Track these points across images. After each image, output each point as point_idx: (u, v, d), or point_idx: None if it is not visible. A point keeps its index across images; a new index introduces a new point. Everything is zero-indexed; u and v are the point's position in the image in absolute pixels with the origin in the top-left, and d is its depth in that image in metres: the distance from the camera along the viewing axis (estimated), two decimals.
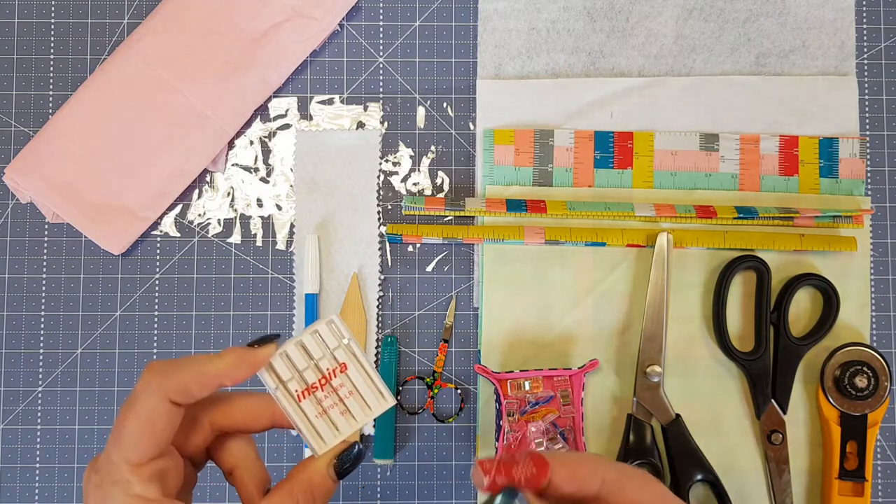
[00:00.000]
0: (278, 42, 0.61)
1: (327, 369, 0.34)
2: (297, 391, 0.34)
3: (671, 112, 0.62)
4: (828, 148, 0.62)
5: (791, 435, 0.59)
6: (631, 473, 0.34)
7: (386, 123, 0.63)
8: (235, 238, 0.62)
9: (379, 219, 0.62)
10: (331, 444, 0.34)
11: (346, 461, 0.35)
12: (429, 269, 0.62)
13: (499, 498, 0.32)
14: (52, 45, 0.63)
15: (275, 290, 0.62)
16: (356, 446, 0.35)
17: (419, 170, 0.63)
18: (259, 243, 0.62)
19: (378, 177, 0.62)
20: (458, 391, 0.61)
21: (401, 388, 0.61)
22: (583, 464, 0.34)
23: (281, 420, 0.36)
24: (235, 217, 0.62)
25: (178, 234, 0.62)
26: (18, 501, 0.60)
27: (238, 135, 0.63)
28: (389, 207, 0.62)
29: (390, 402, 0.35)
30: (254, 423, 0.36)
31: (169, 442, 0.34)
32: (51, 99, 0.63)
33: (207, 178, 0.63)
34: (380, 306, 0.61)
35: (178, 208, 0.62)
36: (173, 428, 0.34)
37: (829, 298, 0.59)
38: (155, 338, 0.61)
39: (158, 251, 0.62)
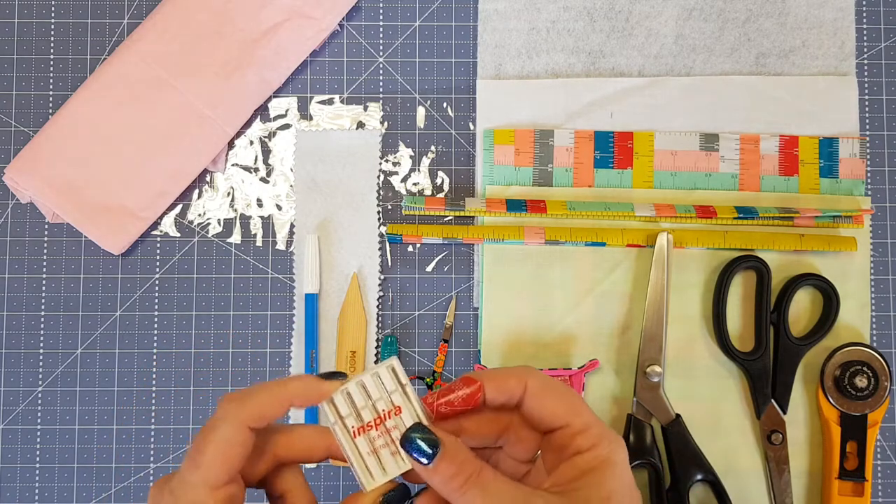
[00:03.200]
0: (278, 42, 0.61)
1: (383, 410, 0.36)
2: (353, 427, 0.36)
3: (671, 112, 0.62)
4: (828, 148, 0.62)
5: (791, 435, 0.59)
6: (552, 384, 0.36)
7: (386, 123, 0.63)
8: (235, 238, 0.62)
9: (379, 219, 0.62)
10: (378, 482, 0.35)
11: (392, 500, 0.36)
12: (429, 269, 0.62)
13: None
14: (52, 45, 0.63)
15: (275, 290, 0.62)
16: (402, 487, 0.37)
17: (419, 170, 0.63)
18: (259, 243, 0.62)
19: (378, 177, 0.62)
20: None
21: None
22: (510, 377, 0.36)
23: (336, 453, 0.37)
24: (235, 217, 0.62)
25: (178, 234, 0.62)
26: (18, 501, 0.60)
27: (238, 135, 0.63)
28: (389, 207, 0.62)
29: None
30: (311, 454, 0.38)
31: (241, 468, 0.36)
32: (51, 99, 0.63)
33: (207, 178, 0.63)
34: (380, 306, 0.61)
35: (178, 208, 0.62)
36: (246, 455, 0.35)
37: (829, 298, 0.59)
38: (155, 338, 0.61)
39: (158, 251, 0.62)
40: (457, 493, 0.34)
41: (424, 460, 0.35)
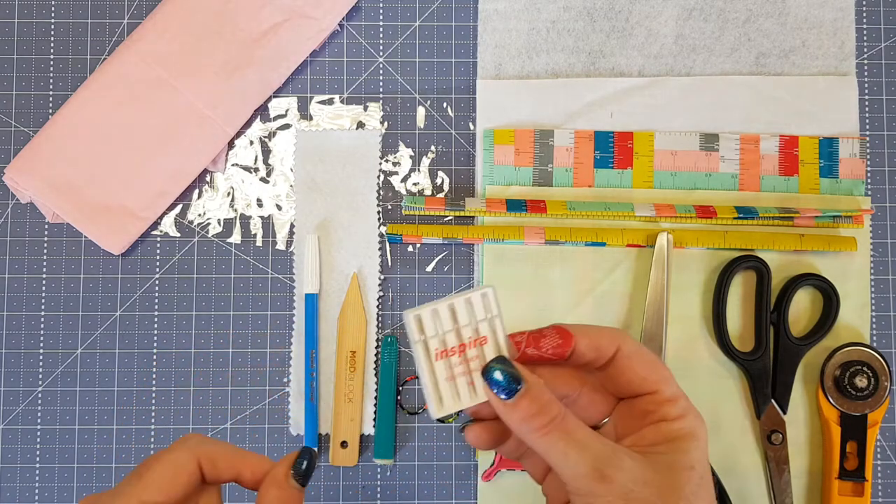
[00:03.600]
0: (278, 42, 0.61)
1: (469, 338, 0.34)
2: (435, 350, 0.35)
3: (671, 112, 0.62)
4: (828, 148, 0.62)
5: (791, 435, 0.59)
6: (644, 350, 0.36)
7: (386, 123, 0.63)
8: (235, 238, 0.62)
9: (379, 219, 0.62)
10: (448, 410, 0.34)
11: (300, 469, 0.36)
12: (429, 269, 0.62)
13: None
14: (52, 45, 0.63)
15: (275, 290, 0.62)
16: (308, 454, 0.36)
17: (419, 170, 0.63)
18: (259, 243, 0.62)
19: (378, 177, 0.62)
20: None
21: (401, 389, 0.61)
22: (603, 335, 0.36)
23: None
24: (235, 217, 0.62)
25: (178, 234, 0.62)
26: (18, 501, 0.60)
27: (238, 135, 0.63)
28: (389, 207, 0.62)
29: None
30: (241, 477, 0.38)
31: (178, 499, 0.35)
32: (51, 99, 0.63)
33: (207, 178, 0.63)
34: (380, 306, 0.61)
35: (178, 208, 0.62)
36: (188, 489, 0.35)
37: (829, 298, 0.59)
38: (155, 338, 0.61)
39: (158, 251, 0.62)
40: (536, 433, 0.33)
41: (504, 395, 0.33)
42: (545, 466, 0.39)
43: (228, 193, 0.63)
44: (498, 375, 0.33)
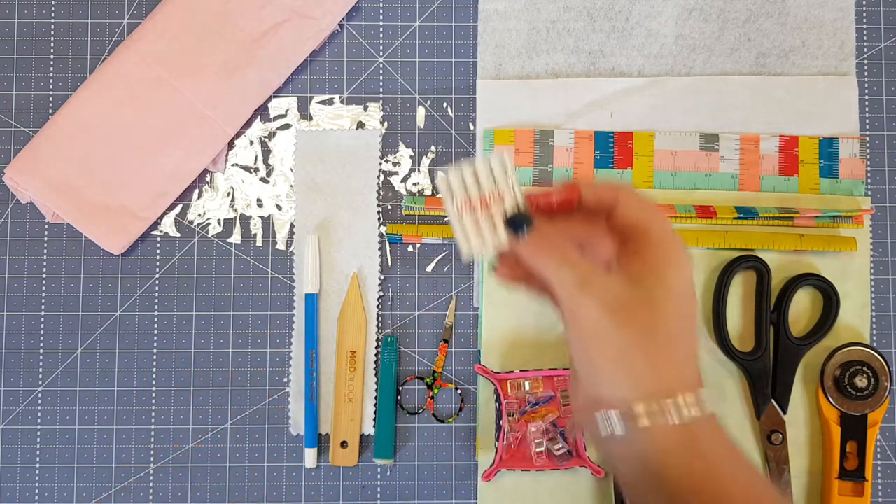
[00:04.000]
0: (278, 42, 0.61)
1: (490, 193, 0.41)
2: (462, 202, 0.42)
3: (671, 112, 0.62)
4: (828, 148, 0.62)
5: (791, 435, 0.59)
6: (641, 197, 0.40)
7: (386, 123, 0.63)
8: (235, 238, 0.62)
9: (379, 219, 0.62)
10: (475, 250, 0.41)
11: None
12: (429, 269, 0.62)
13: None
14: (52, 45, 0.63)
15: (275, 290, 0.62)
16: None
17: (419, 170, 0.63)
18: (259, 243, 0.62)
19: (378, 177, 0.62)
20: (458, 391, 0.61)
21: (401, 389, 0.61)
22: (605, 186, 0.40)
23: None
24: (235, 217, 0.62)
25: (178, 234, 0.62)
26: (18, 501, 0.60)
27: (238, 135, 0.63)
28: (389, 207, 0.62)
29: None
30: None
31: None
32: (51, 99, 0.63)
33: (207, 178, 0.63)
34: (380, 306, 0.61)
35: (178, 208, 0.62)
36: None
37: (829, 298, 0.59)
38: (155, 338, 0.61)
39: (158, 251, 0.62)
40: (539, 258, 0.39)
41: (519, 233, 0.39)
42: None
43: (228, 193, 0.63)
44: (514, 218, 0.40)
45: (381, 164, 0.62)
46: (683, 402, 0.37)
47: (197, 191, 0.63)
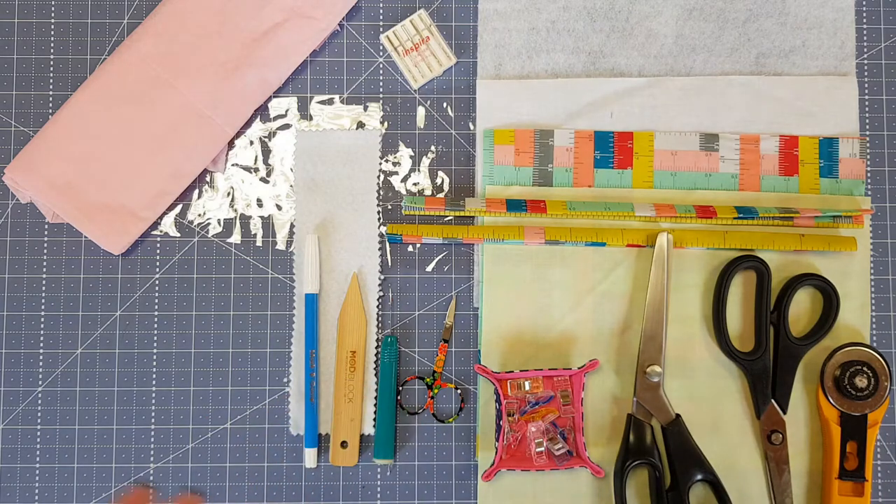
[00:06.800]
0: (278, 42, 0.61)
1: (419, 40, 0.57)
2: (403, 49, 0.58)
3: (671, 112, 0.62)
4: (828, 148, 0.62)
5: (791, 435, 0.59)
6: None
7: (386, 123, 0.63)
8: (235, 238, 0.62)
9: (379, 219, 0.62)
10: (420, 83, 0.60)
11: None
12: (429, 269, 0.62)
13: None
14: (52, 45, 0.63)
15: (275, 290, 0.62)
16: None
17: (419, 170, 0.63)
18: (259, 243, 0.62)
19: (378, 177, 0.62)
20: (458, 391, 0.61)
21: (401, 389, 0.61)
22: None
23: None
24: (235, 217, 0.62)
25: (178, 234, 0.62)
26: (18, 501, 0.60)
27: (238, 135, 0.63)
28: (389, 207, 0.62)
29: (454, 59, 0.62)
30: None
31: None
32: (51, 99, 0.63)
33: (207, 178, 0.63)
34: (380, 306, 0.61)
35: (178, 208, 0.62)
36: None
37: (829, 298, 0.59)
38: (155, 338, 0.61)
39: (158, 251, 0.62)
40: None
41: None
42: None
43: (228, 193, 0.63)
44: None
45: (381, 164, 0.62)
46: None
47: (197, 191, 0.63)
